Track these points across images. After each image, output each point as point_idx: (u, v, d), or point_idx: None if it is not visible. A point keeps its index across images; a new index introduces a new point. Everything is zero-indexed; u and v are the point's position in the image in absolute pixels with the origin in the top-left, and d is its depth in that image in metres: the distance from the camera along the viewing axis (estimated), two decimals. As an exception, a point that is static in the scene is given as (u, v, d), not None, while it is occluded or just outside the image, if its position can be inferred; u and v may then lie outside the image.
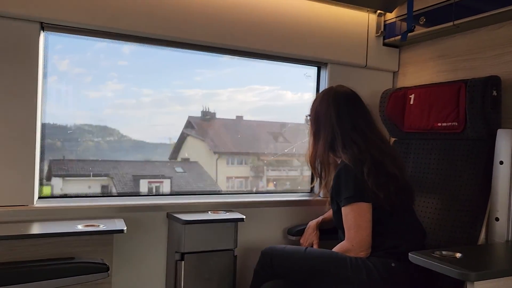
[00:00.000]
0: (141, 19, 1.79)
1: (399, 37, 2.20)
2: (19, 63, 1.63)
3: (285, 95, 2.63)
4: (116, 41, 1.88)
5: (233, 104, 2.48)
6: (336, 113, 1.66)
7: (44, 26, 1.69)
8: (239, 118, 2.54)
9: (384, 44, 2.34)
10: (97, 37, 1.82)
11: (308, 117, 1.79)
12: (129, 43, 1.91)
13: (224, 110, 2.47)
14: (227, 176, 2.55)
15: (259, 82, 2.50)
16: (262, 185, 2.65)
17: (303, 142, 2.28)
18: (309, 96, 2.39)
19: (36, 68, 1.65)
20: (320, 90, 2.05)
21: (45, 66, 1.74)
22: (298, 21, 2.11)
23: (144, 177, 2.34)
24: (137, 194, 2.17)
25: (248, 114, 2.53)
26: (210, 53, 2.07)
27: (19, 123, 1.64)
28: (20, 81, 1.63)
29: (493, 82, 1.74)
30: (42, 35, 1.70)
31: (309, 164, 1.78)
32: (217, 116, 2.46)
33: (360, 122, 1.67)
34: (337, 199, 1.62)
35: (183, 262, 1.77)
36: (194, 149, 2.56)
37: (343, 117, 1.66)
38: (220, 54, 2.11)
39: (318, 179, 1.78)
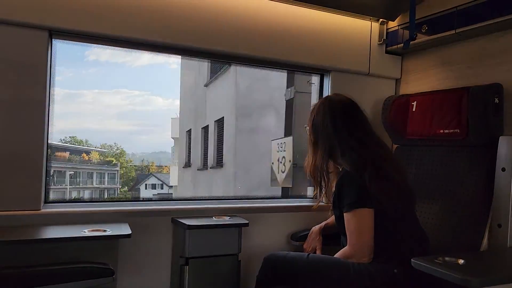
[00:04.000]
0: (150, 27, 1.82)
1: (402, 45, 2.21)
2: (27, 70, 1.65)
3: (156, 100, 2.45)
4: (126, 48, 1.90)
5: (98, 107, 2.25)
6: (332, 121, 1.67)
7: (53, 34, 1.71)
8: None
9: (387, 52, 2.36)
10: (105, 44, 1.84)
11: (307, 127, 1.81)
12: (139, 50, 1.92)
13: (89, 114, 2.25)
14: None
15: (127, 86, 2.30)
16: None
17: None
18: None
19: (44, 75, 1.68)
20: (323, 98, 2.07)
21: (52, 74, 1.77)
22: (301, 30, 2.14)
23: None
24: (143, 200, 2.19)
25: (114, 119, 2.33)
26: (211, 59, 2.10)
27: (27, 130, 1.66)
28: (28, 88, 1.66)
29: (495, 89, 1.76)
30: (51, 42, 1.72)
31: (309, 173, 1.76)
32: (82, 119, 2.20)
33: (357, 129, 1.67)
34: (340, 205, 1.62)
35: (187, 267, 1.78)
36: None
37: (339, 126, 1.67)
38: (225, 61, 2.14)
39: (318, 188, 1.77)
